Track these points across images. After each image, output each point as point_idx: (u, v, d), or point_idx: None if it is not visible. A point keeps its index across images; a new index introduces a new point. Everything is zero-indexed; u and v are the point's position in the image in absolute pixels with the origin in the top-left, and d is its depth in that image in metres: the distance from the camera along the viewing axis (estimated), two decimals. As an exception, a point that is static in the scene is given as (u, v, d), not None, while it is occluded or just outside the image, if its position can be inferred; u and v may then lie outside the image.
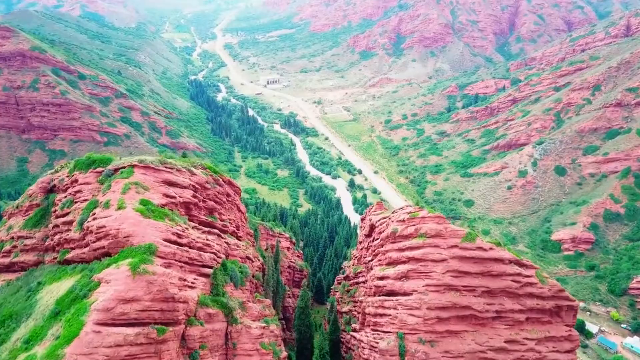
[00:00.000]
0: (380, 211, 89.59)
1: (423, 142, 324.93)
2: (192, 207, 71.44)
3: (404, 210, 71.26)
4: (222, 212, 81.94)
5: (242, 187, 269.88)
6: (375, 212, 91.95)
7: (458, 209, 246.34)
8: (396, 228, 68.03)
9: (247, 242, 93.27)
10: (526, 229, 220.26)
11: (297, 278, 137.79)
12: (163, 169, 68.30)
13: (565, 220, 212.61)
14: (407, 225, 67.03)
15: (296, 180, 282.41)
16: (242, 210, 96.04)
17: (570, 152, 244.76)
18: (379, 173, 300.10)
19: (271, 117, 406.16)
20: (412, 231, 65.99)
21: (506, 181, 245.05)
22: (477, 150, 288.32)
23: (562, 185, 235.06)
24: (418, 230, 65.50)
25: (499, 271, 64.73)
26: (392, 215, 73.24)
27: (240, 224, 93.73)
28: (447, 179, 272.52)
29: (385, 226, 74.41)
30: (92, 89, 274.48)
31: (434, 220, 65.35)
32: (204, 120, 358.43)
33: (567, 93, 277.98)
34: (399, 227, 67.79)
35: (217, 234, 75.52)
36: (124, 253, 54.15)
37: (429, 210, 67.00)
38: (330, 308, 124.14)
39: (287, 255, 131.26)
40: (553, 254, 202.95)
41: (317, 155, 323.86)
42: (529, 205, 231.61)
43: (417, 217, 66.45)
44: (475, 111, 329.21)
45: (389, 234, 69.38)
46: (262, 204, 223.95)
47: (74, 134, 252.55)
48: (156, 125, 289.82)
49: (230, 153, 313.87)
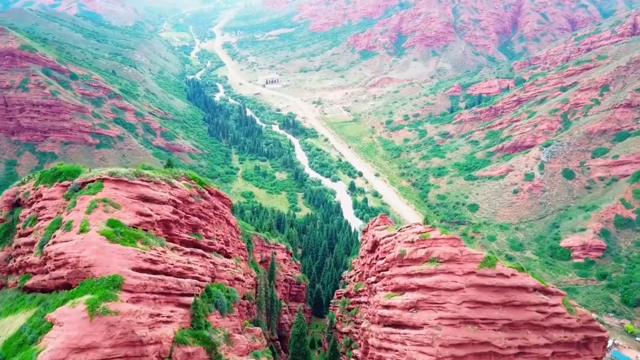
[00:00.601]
0: (384, 226, 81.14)
1: (425, 143, 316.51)
2: (172, 225, 63.04)
3: (412, 229, 62.69)
4: (208, 228, 73.52)
5: (238, 190, 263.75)
6: (379, 226, 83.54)
7: (462, 214, 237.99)
8: (404, 250, 59.59)
9: (237, 259, 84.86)
10: (534, 235, 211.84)
11: (295, 291, 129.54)
12: (138, 183, 59.80)
13: (574, 225, 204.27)
14: (416, 248, 58.58)
15: (295, 183, 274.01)
16: (233, 223, 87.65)
17: (579, 155, 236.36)
18: (380, 176, 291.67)
19: (270, 117, 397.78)
20: (422, 255, 57.55)
21: (512, 185, 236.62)
22: (481, 152, 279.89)
23: (570, 189, 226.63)
24: (429, 253, 57.05)
25: (523, 301, 56.38)
26: (399, 234, 64.75)
27: (230, 239, 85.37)
28: (450, 182, 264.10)
29: (391, 246, 65.99)
30: (84, 89, 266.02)
31: (447, 243, 56.90)
32: (200, 121, 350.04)
33: (574, 93, 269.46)
34: (407, 250, 59.34)
35: (202, 255, 67.16)
36: (83, 286, 45.77)
37: (441, 231, 58.51)
38: (330, 325, 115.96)
39: (284, 267, 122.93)
40: (562, 261, 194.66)
41: (317, 157, 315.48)
42: (536, 210, 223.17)
43: (428, 238, 58.00)
44: (478, 112, 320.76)
45: (395, 256, 60.98)
46: (259, 209, 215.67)
47: (64, 136, 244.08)
48: (151, 126, 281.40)
49: (227, 155, 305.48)
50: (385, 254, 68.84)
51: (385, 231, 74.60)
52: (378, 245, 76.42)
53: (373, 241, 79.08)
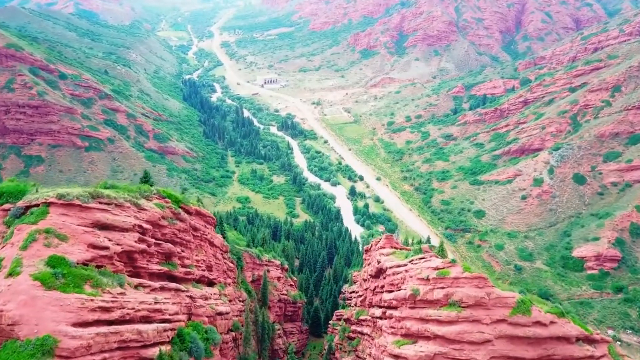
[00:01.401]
0: (390, 250, 70.44)
1: (428, 145, 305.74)
2: (138, 257, 52.47)
3: (426, 262, 51.99)
4: (186, 254, 62.96)
5: (234, 195, 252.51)
6: (384, 249, 72.87)
7: (468, 221, 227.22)
8: (417, 290, 49.02)
9: (221, 286, 74.28)
10: (544, 244, 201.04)
11: (290, 311, 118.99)
12: (94, 207, 49.13)
13: (587, 234, 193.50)
14: (432, 287, 47.98)
15: (293, 187, 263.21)
16: (217, 243, 77.08)
17: (590, 159, 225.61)
18: (382, 179, 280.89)
19: (268, 118, 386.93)
20: (440, 297, 46.95)
21: (520, 190, 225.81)
22: (486, 155, 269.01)
23: (581, 195, 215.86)
24: (449, 296, 46.43)
25: (564, 354, 45.82)
26: (410, 267, 54.08)
27: (214, 263, 74.85)
28: (454, 186, 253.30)
29: (400, 280, 55.36)
30: (73, 90, 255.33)
31: (472, 283, 46.25)
32: (196, 122, 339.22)
33: (583, 94, 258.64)
34: (420, 289, 48.76)
35: (175, 289, 56.59)
36: (4, 352, 35.09)
37: (463, 267, 47.83)
38: (328, 350, 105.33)
39: (278, 286, 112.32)
40: (575, 272, 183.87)
41: (316, 160, 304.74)
42: (546, 217, 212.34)
43: (448, 277, 47.36)
44: (483, 113, 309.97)
45: (406, 296, 50.37)
46: (255, 216, 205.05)
47: (52, 139, 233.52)
48: (143, 128, 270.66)
49: (223, 158, 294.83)
50: (392, 288, 58.19)
51: (393, 258, 63.95)
52: (384, 274, 65.76)
53: (378, 268, 68.43)
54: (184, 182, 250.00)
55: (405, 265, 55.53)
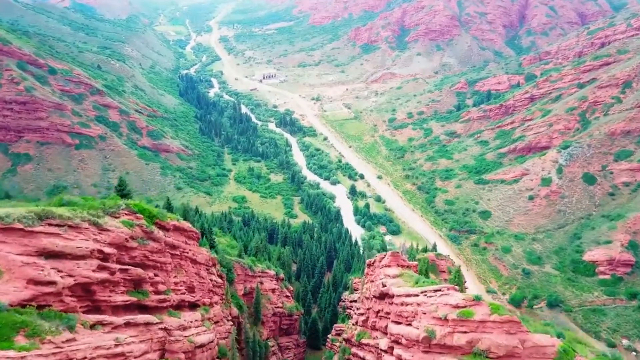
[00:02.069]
0: (396, 270, 61.62)
1: (431, 143, 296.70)
2: (97, 288, 43.68)
3: (444, 296, 43.15)
4: (160, 278, 54.22)
5: (230, 194, 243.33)
6: (390, 268, 64.12)
7: (473, 222, 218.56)
8: (432, 331, 40.36)
9: (205, 309, 65.56)
10: (553, 247, 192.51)
11: (286, 324, 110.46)
12: (41, 231, 40.28)
13: (598, 237, 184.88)
14: (452, 331, 39.34)
15: (291, 186, 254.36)
16: (202, 260, 68.27)
17: (600, 158, 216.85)
18: (383, 178, 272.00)
19: (266, 114, 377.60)
20: (462, 343, 38.32)
21: (527, 190, 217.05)
22: (491, 153, 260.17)
23: (591, 195, 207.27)
24: (473, 343, 37.79)
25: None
26: (423, 300, 45.30)
27: (197, 282, 66.13)
28: (459, 185, 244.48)
29: (410, 313, 46.65)
30: (63, 85, 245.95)
31: (502, 328, 37.61)
32: (192, 118, 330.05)
33: (592, 90, 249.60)
34: (437, 331, 40.12)
35: (145, 323, 47.87)
36: None
37: (491, 308, 39.07)
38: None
39: (272, 299, 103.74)
40: (586, 277, 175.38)
41: (315, 158, 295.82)
42: (554, 219, 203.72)
43: (472, 319, 38.66)
44: (488, 109, 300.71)
45: (419, 337, 41.62)
46: (251, 217, 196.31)
47: (40, 136, 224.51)
48: (136, 125, 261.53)
49: (219, 155, 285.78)
50: (401, 320, 49.47)
51: (401, 282, 55.23)
52: (390, 299, 57.08)
53: (383, 291, 59.75)
54: (178, 181, 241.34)
55: (417, 295, 46.88)
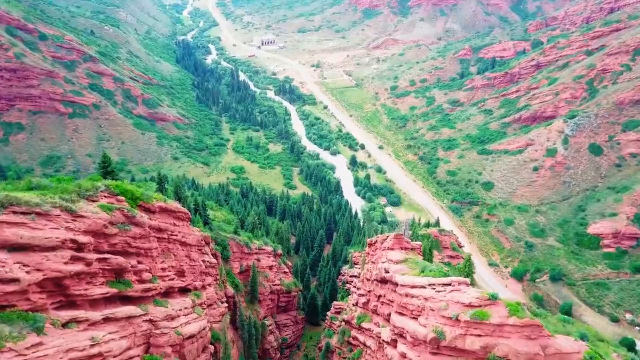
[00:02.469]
0: (399, 255, 57.48)
1: (433, 112, 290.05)
2: (70, 282, 39.54)
3: (455, 293, 38.96)
4: (145, 265, 50.17)
5: (228, 164, 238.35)
6: (392, 251, 60.04)
7: (475, 193, 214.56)
8: (441, 332, 36.41)
9: (196, 294, 61.83)
10: (557, 219, 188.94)
11: (284, 302, 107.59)
12: (3, 220, 35.87)
13: (603, 209, 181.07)
14: (464, 333, 35.33)
15: (290, 157, 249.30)
16: (192, 241, 64.14)
17: (607, 128, 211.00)
18: (384, 148, 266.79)
19: (264, 82, 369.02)
20: (476, 348, 34.39)
21: (532, 161, 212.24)
22: (495, 122, 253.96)
23: (597, 166, 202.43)
24: (489, 348, 33.82)
25: None
26: (431, 294, 41.12)
27: (188, 266, 62.21)
28: (461, 156, 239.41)
29: (416, 308, 42.58)
30: (55, 52, 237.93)
31: (521, 333, 33.58)
32: (189, 86, 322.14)
33: (601, 58, 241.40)
34: (446, 332, 36.14)
35: (126, 317, 44.00)
36: None
37: (509, 309, 34.88)
38: (326, 349, 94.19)
39: (270, 277, 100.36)
40: (590, 250, 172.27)
41: (315, 127, 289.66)
42: (559, 190, 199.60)
43: (488, 322, 34.53)
44: (492, 77, 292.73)
45: (426, 338, 37.63)
46: (249, 189, 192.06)
47: (32, 104, 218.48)
48: (131, 93, 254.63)
49: (217, 124, 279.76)
50: (405, 312, 45.45)
51: (406, 269, 51.13)
52: (392, 286, 53.14)
53: (385, 277, 55.78)
54: (175, 151, 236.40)
55: (424, 287, 42.82)
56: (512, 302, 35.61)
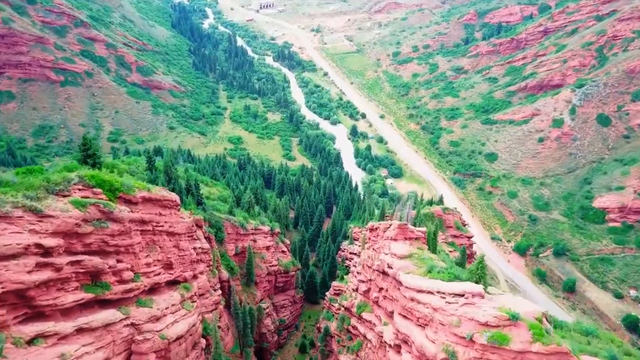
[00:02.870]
0: (404, 248, 53.17)
1: (437, 79, 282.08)
2: (36, 292, 35.25)
3: (468, 307, 34.59)
4: (126, 263, 45.84)
5: (225, 134, 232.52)
6: (396, 242, 55.75)
7: (478, 165, 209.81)
8: (453, 353, 32.37)
9: (185, 287, 57.79)
10: (561, 192, 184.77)
11: (281, 282, 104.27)
12: (-47, 226, 31.32)
13: (609, 182, 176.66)
14: (480, 356, 31.07)
15: (289, 126, 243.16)
16: (181, 229, 59.70)
17: (616, 98, 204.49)
18: (386, 117, 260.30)
19: (263, 47, 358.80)
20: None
21: (537, 131, 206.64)
22: (500, 91, 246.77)
23: (605, 137, 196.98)
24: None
25: None
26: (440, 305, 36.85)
27: (176, 256, 57.97)
28: (465, 125, 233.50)
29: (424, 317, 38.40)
30: (44, 16, 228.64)
31: None
32: (185, 52, 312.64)
33: (612, 23, 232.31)
34: (459, 353, 32.06)
35: (103, 325, 39.92)
36: None
37: (533, 332, 30.51)
38: (325, 333, 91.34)
39: (267, 257, 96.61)
40: (595, 225, 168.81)
41: (315, 96, 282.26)
42: (564, 162, 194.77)
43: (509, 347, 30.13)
44: (497, 44, 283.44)
45: (437, 358, 33.53)
46: (247, 161, 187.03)
47: (23, 72, 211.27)
48: (125, 60, 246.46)
49: (214, 92, 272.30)
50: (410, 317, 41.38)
51: (411, 268, 46.88)
52: (396, 284, 49.07)
53: (388, 272, 51.71)
54: (170, 120, 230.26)
55: (432, 294, 38.55)
56: (534, 322, 31.41)
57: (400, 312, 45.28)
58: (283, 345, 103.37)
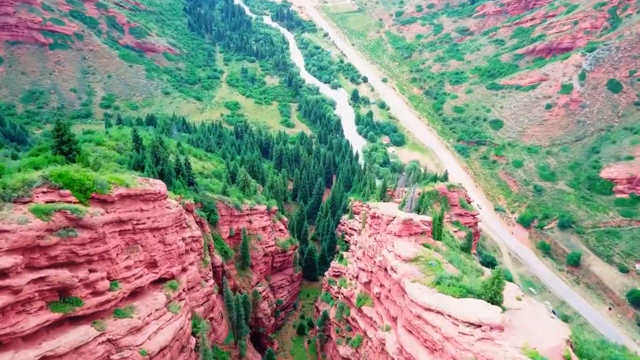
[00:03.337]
0: (409, 247, 48.52)
1: (441, 41, 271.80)
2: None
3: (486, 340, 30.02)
4: (101, 270, 41.22)
5: (222, 100, 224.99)
6: (401, 240, 51.20)
7: (483, 132, 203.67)
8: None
9: (172, 285, 53.53)
10: (568, 162, 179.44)
11: (279, 262, 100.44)
12: None
13: (618, 152, 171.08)
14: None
15: (288, 91, 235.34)
16: (167, 222, 54.73)
17: (629, 62, 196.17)
18: (388, 81, 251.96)
19: (261, 6, 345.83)
20: None
21: (544, 98, 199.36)
22: (507, 54, 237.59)
23: (615, 105, 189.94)
24: None
25: None
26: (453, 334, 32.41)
27: (162, 252, 53.40)
28: (469, 90, 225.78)
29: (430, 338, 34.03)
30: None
31: None
32: (180, 11, 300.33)
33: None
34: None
35: (72, 349, 35.66)
36: None
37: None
38: (323, 317, 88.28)
39: (263, 238, 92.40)
40: (602, 196, 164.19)
41: (314, 58, 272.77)
42: (572, 130, 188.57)
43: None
44: (505, 3, 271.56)
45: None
46: (244, 129, 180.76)
47: (10, 34, 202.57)
48: (117, 21, 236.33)
49: (210, 54, 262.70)
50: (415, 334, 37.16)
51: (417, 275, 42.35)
52: (400, 290, 44.69)
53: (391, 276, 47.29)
54: (165, 85, 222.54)
55: (441, 314, 33.96)
56: None
57: (405, 325, 41.05)
58: (280, 326, 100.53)
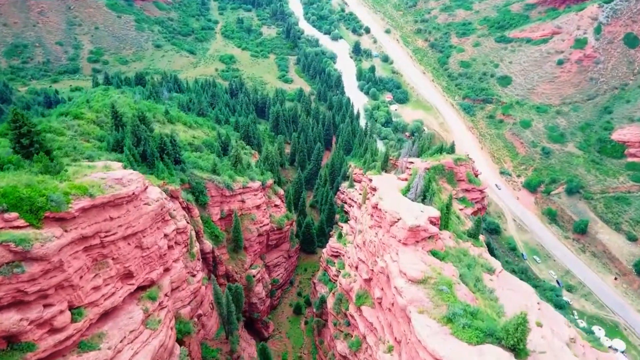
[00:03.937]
0: (415, 269, 42.72)
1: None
2: None
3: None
4: (61, 300, 35.70)
5: (217, 53, 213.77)
6: (407, 249, 45.37)
7: (490, 89, 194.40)
8: None
9: (151, 295, 48.31)
10: (579, 122, 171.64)
11: (274, 239, 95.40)
12: None
13: (632, 112, 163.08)
14: None
15: (286, 43, 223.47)
16: (143, 224, 48.75)
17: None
18: (392, 33, 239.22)
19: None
20: None
21: (557, 53, 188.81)
22: (518, 4, 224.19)
23: (631, 61, 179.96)
24: None
25: None
26: None
27: (138, 260, 47.86)
28: (477, 43, 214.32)
29: None
30: None
31: None
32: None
33: None
34: None
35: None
36: None
37: None
38: (320, 300, 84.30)
39: (257, 218, 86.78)
40: (613, 159, 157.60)
41: (314, 7, 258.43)
42: (584, 88, 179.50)
43: None
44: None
45: None
46: (240, 86, 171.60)
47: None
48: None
49: (204, 2, 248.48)
50: None
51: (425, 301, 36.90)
52: (405, 315, 39.39)
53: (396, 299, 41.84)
54: (156, 37, 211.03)
55: None
56: None
57: (409, 352, 35.90)
58: (276, 306, 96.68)
